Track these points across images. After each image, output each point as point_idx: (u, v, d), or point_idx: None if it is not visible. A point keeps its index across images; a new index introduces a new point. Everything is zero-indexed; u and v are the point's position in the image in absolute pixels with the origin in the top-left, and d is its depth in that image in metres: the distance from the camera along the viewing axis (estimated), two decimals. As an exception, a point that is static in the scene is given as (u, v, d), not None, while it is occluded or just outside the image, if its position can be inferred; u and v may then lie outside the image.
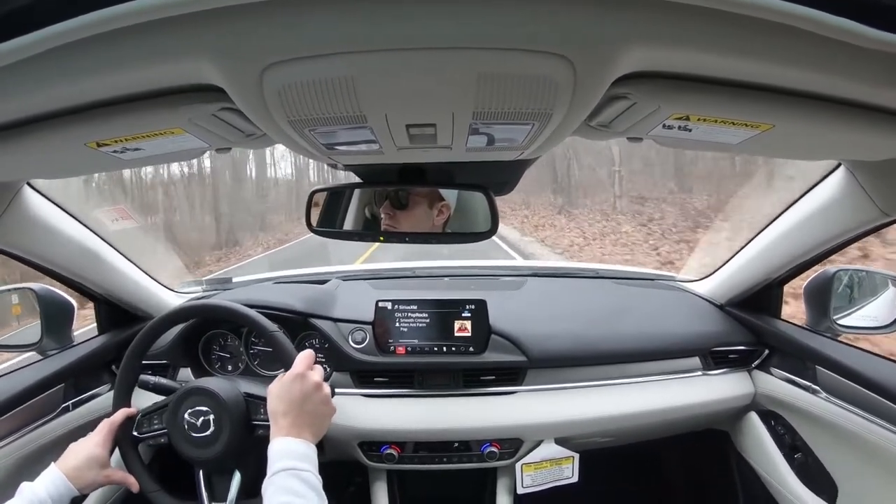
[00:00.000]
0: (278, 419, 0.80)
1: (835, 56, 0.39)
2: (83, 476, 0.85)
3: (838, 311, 1.12)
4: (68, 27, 0.34)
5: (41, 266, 1.03)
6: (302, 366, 0.85)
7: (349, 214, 1.00)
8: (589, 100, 0.48)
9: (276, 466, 0.74)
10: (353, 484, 1.41)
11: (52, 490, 0.80)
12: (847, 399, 0.99)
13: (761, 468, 1.20)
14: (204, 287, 1.48)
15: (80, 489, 0.84)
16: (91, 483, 0.86)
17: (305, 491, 0.72)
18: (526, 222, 13.75)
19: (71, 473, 0.83)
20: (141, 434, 0.96)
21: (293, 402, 0.81)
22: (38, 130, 0.54)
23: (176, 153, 0.68)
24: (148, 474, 0.95)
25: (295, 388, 0.83)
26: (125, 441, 0.95)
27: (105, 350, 1.21)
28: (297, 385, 0.83)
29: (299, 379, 0.83)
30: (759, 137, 0.59)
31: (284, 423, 0.79)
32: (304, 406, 0.82)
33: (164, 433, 0.94)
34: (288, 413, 0.80)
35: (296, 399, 0.82)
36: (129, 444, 0.96)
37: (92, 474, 0.86)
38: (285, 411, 0.81)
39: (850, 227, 0.92)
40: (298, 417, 0.81)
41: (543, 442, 1.18)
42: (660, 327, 1.25)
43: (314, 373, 0.86)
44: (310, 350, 0.89)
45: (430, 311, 1.17)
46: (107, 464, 0.89)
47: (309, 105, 0.46)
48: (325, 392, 0.86)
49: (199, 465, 0.93)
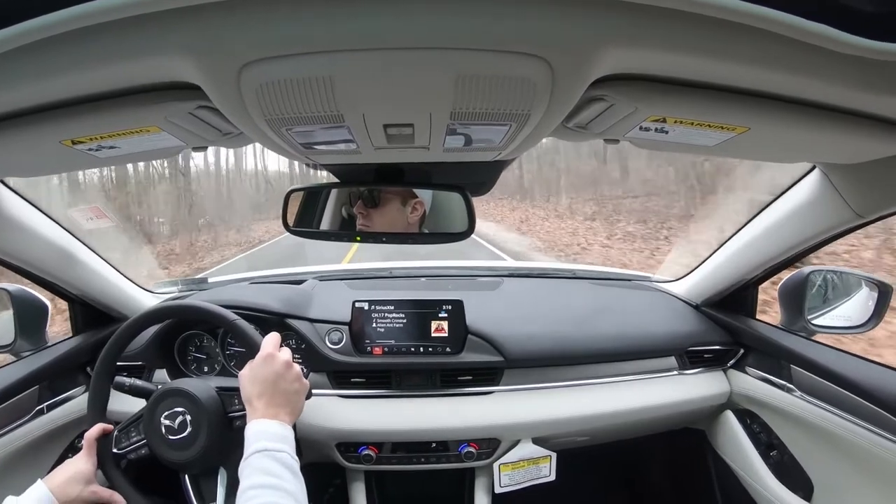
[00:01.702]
0: (253, 402, 0.80)
1: (811, 60, 0.40)
2: (68, 492, 0.83)
3: (813, 311, 1.13)
4: (42, 23, 0.33)
5: (14, 265, 1.02)
6: (270, 346, 0.85)
7: (326, 214, 1.00)
8: (567, 101, 0.48)
9: (251, 448, 0.73)
10: (331, 485, 1.41)
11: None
12: (821, 397, 1.00)
13: (738, 466, 1.21)
14: (180, 287, 1.47)
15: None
16: (76, 499, 0.84)
17: (280, 471, 0.71)
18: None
19: (56, 490, 0.82)
20: (120, 450, 0.94)
21: (265, 382, 0.81)
22: (12, 128, 0.54)
23: (152, 151, 0.67)
24: (136, 489, 0.93)
25: (266, 369, 0.82)
26: (107, 460, 0.93)
27: (80, 351, 1.20)
28: (267, 366, 0.82)
29: (269, 360, 0.83)
30: (735, 140, 0.60)
31: (259, 405, 0.79)
32: (278, 385, 0.81)
33: (143, 443, 0.92)
34: (262, 395, 0.80)
35: (268, 379, 0.81)
36: (112, 463, 0.93)
37: (77, 490, 0.84)
38: (259, 393, 0.80)
39: (825, 228, 0.93)
40: (273, 398, 0.80)
41: (521, 441, 1.18)
42: (636, 327, 1.26)
43: (283, 352, 0.86)
44: (275, 332, 0.88)
45: (407, 312, 1.17)
46: (92, 479, 0.88)
47: (286, 104, 0.46)
48: (296, 370, 0.85)
49: (183, 469, 0.92)
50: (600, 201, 12.07)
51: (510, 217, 14.45)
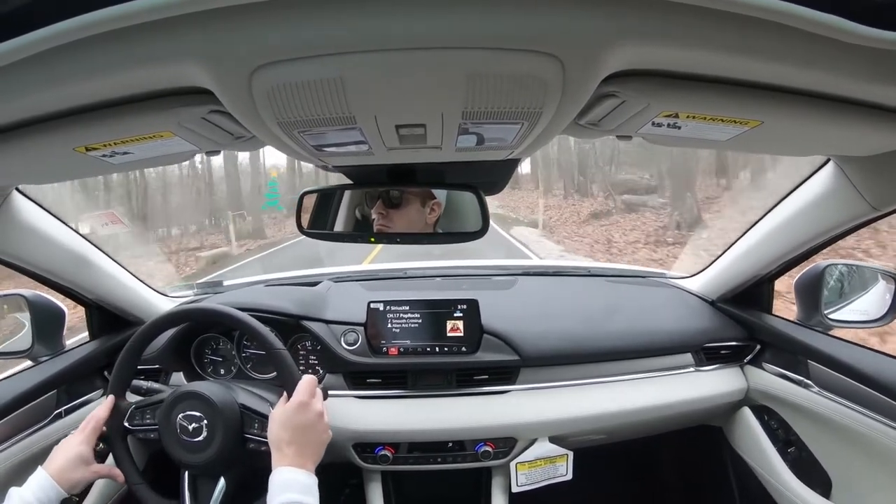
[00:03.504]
0: (283, 448, 0.81)
1: (823, 52, 0.39)
2: (69, 476, 0.84)
3: (829, 305, 1.13)
4: (56, 31, 0.34)
5: (31, 272, 1.03)
6: (306, 394, 0.86)
7: (340, 216, 1.00)
8: (578, 98, 0.48)
9: (281, 498, 0.74)
10: (347, 486, 1.41)
11: (39, 494, 0.80)
12: (839, 393, 0.99)
13: (755, 463, 1.20)
14: (195, 291, 1.48)
15: (67, 490, 0.84)
16: (78, 482, 0.86)
17: None
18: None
19: (57, 475, 0.83)
20: (132, 426, 0.96)
21: (297, 430, 0.82)
22: (26, 135, 0.54)
23: (165, 156, 0.68)
24: (134, 467, 0.95)
25: (300, 417, 0.83)
26: (115, 431, 0.95)
27: (97, 356, 1.20)
28: (301, 415, 0.84)
29: (303, 408, 0.84)
30: (748, 134, 0.59)
31: (289, 453, 0.80)
32: (309, 435, 0.83)
33: (154, 429, 0.94)
34: (292, 443, 0.81)
35: (300, 428, 0.83)
36: (119, 435, 0.96)
37: (78, 474, 0.86)
38: (289, 440, 0.81)
39: (840, 222, 0.93)
40: (302, 447, 0.81)
41: (537, 440, 1.18)
42: (652, 324, 1.26)
43: (317, 401, 0.87)
44: (312, 377, 0.89)
45: (422, 312, 1.17)
46: (91, 460, 0.89)
47: (298, 107, 0.46)
48: (326, 420, 0.87)
49: (186, 468, 0.93)
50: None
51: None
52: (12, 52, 0.35)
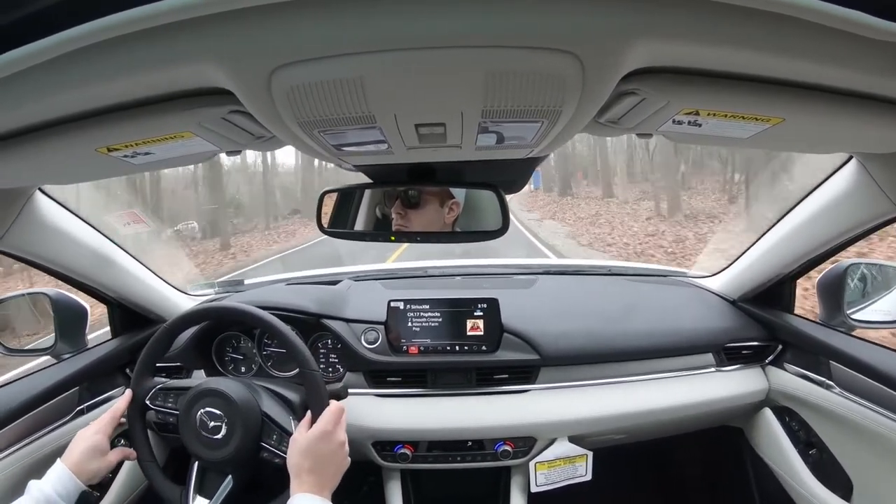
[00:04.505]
0: (303, 475, 0.81)
1: (845, 48, 0.39)
2: (87, 468, 0.85)
3: (852, 305, 1.12)
4: (77, 33, 0.34)
5: (54, 271, 1.04)
6: (331, 423, 0.85)
7: (360, 215, 1.00)
8: (598, 96, 0.48)
9: None
10: (366, 483, 1.41)
11: (58, 486, 0.81)
12: (862, 394, 0.98)
13: (776, 465, 1.20)
14: (216, 289, 1.49)
15: (86, 481, 0.85)
16: (96, 473, 0.87)
17: None
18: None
19: (75, 467, 0.84)
20: (153, 405, 0.98)
21: (318, 459, 0.83)
22: (49, 136, 0.55)
23: (186, 157, 0.68)
24: (148, 447, 0.96)
25: (322, 446, 0.83)
26: (136, 408, 0.97)
27: (119, 353, 1.21)
28: (324, 444, 0.84)
29: (327, 438, 0.84)
30: (770, 131, 0.59)
31: (309, 480, 0.80)
32: (328, 464, 0.83)
33: (173, 414, 0.95)
34: (313, 471, 0.81)
35: (321, 458, 0.83)
36: (138, 412, 0.97)
37: (95, 465, 0.86)
38: (310, 468, 0.81)
39: (863, 220, 0.92)
40: (322, 476, 0.82)
41: (557, 440, 1.18)
42: (672, 324, 1.25)
43: (340, 429, 0.87)
44: (339, 404, 0.89)
45: (443, 311, 1.17)
46: (107, 450, 0.90)
47: (318, 106, 0.46)
48: (347, 449, 0.87)
49: (198, 460, 0.94)
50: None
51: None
52: (38, 54, 0.36)
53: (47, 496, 0.79)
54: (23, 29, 0.34)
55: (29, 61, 0.36)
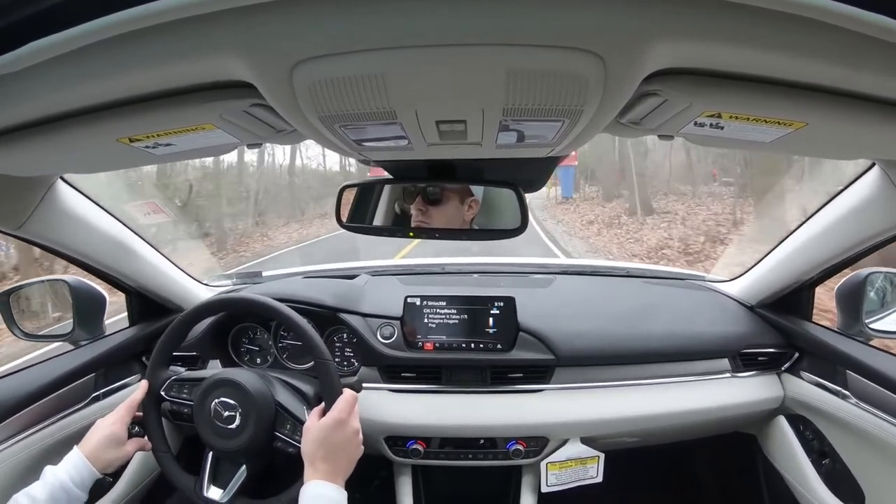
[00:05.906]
0: (317, 463, 0.81)
1: (870, 53, 0.39)
2: (103, 457, 0.86)
3: (871, 314, 1.10)
4: (102, 24, 0.34)
5: (74, 258, 1.05)
6: (345, 412, 0.86)
7: (379, 210, 1.00)
8: (619, 97, 0.48)
9: None
10: (377, 477, 1.41)
11: (73, 473, 0.82)
12: (878, 405, 0.97)
13: (788, 473, 1.19)
14: (234, 281, 1.50)
15: (101, 469, 0.86)
16: (111, 462, 0.88)
17: None
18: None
19: (91, 455, 0.85)
20: (167, 396, 0.98)
21: (332, 447, 0.83)
22: (71, 126, 0.55)
23: (207, 148, 0.69)
24: (163, 437, 0.97)
25: (336, 435, 0.84)
26: (150, 397, 0.98)
27: (136, 341, 1.22)
28: (338, 432, 0.84)
29: (341, 426, 0.85)
30: (793, 136, 0.58)
31: (322, 468, 0.81)
32: (341, 453, 0.84)
33: (188, 405, 0.96)
34: (326, 459, 0.82)
35: (336, 446, 0.83)
36: (153, 402, 0.98)
37: (111, 454, 0.88)
38: (324, 457, 0.82)
39: (885, 228, 0.91)
40: (336, 464, 0.82)
41: (569, 441, 1.18)
42: (689, 327, 1.24)
43: (354, 418, 0.87)
44: (353, 393, 0.89)
45: (459, 308, 1.17)
46: (124, 440, 0.91)
47: (339, 101, 0.46)
48: (360, 437, 0.88)
49: (212, 450, 0.95)
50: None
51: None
52: (61, 45, 0.36)
53: (62, 482, 0.80)
54: (48, 19, 0.35)
55: (53, 52, 0.37)
